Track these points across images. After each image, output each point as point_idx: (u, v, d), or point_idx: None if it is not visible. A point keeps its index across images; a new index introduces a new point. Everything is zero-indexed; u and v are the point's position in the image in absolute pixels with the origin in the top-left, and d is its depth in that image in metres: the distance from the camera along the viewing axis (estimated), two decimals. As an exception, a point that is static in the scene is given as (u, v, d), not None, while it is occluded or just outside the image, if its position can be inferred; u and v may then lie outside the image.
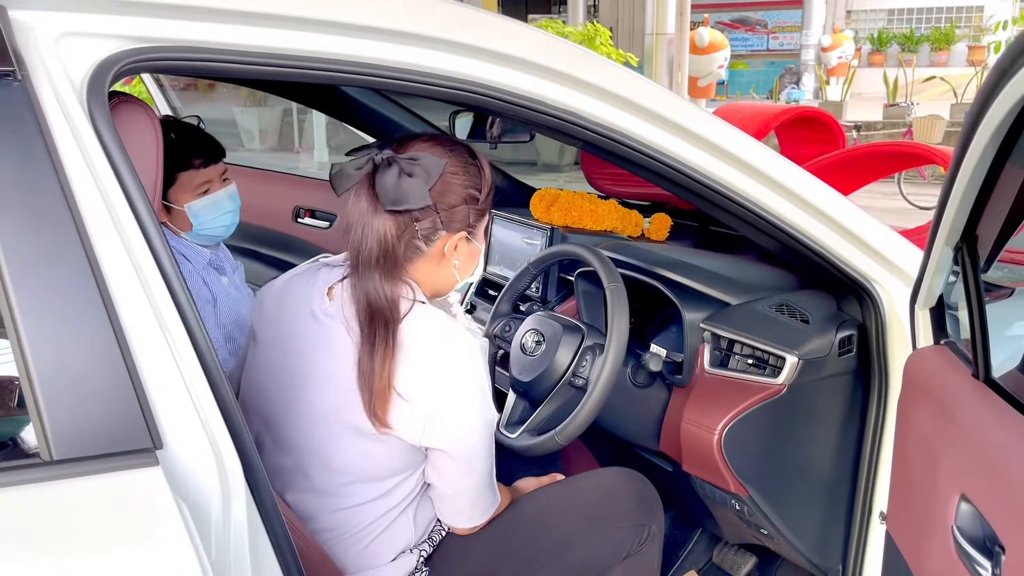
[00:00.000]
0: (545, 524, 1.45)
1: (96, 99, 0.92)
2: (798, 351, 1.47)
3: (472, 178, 1.28)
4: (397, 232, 1.22)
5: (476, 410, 1.25)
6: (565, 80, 1.24)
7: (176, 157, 1.75)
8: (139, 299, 0.88)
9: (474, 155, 1.30)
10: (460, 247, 1.29)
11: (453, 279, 1.33)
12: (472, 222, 1.30)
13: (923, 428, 1.15)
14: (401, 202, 1.19)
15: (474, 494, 1.33)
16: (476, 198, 1.28)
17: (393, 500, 1.30)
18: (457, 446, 1.26)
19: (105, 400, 0.84)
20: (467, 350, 1.24)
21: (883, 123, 10.80)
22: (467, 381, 1.24)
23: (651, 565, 1.55)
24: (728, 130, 1.37)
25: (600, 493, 1.52)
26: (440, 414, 1.22)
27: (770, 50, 16.94)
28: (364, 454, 1.25)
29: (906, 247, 1.50)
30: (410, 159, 1.21)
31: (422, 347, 1.22)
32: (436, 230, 1.25)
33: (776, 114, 2.39)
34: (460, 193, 1.26)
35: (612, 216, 2.08)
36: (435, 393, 1.22)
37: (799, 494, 1.60)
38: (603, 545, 1.47)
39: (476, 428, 1.26)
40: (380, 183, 1.20)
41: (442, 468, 1.29)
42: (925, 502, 1.11)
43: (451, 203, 1.25)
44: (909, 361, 1.26)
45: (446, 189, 1.24)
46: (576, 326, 1.62)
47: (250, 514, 0.94)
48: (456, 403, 1.23)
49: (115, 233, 0.88)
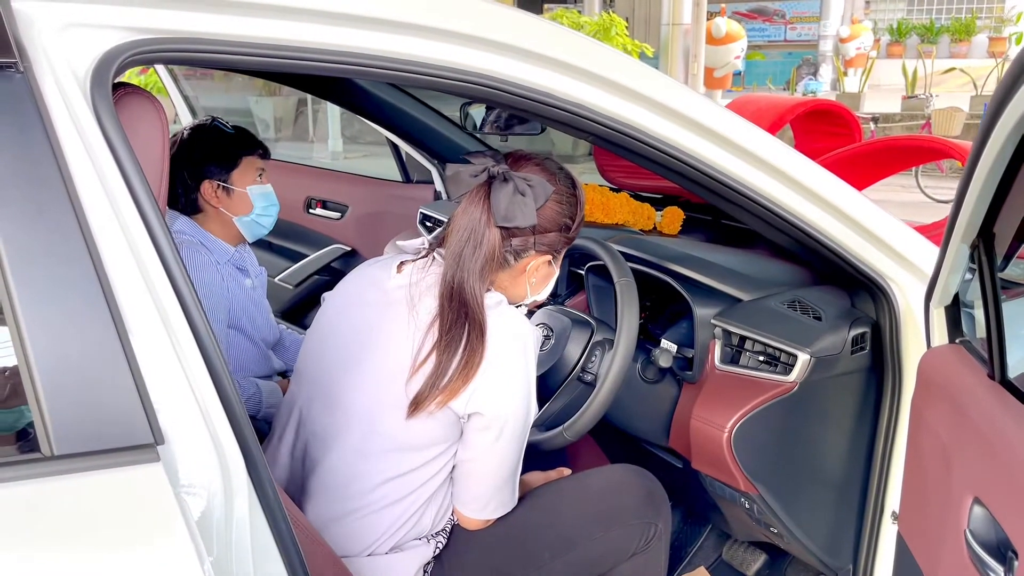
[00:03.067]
0: (551, 521, 1.45)
1: (100, 91, 0.91)
2: (810, 348, 1.45)
3: (570, 207, 1.34)
4: (500, 244, 1.29)
5: (522, 389, 1.29)
6: (574, 72, 1.23)
7: (241, 142, 1.86)
8: (141, 294, 0.88)
9: (575, 184, 1.37)
10: (540, 268, 1.36)
11: (524, 294, 1.38)
12: (559, 248, 1.36)
13: (937, 429, 1.14)
14: (511, 220, 1.26)
15: (498, 481, 1.34)
16: (569, 227, 1.35)
17: (424, 476, 1.31)
18: (497, 414, 1.27)
19: (106, 395, 0.83)
20: (528, 335, 1.30)
21: (901, 115, 10.69)
22: (520, 361, 1.28)
23: (657, 563, 1.54)
24: (740, 124, 1.35)
25: (607, 490, 1.51)
26: (489, 384, 1.25)
27: (787, 41, 16.79)
28: (408, 425, 1.27)
29: (921, 243, 1.47)
30: (525, 179, 1.27)
31: (495, 339, 1.26)
32: (527, 248, 1.32)
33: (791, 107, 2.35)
34: (557, 220, 1.33)
35: (624, 209, 2.07)
36: (489, 370, 1.25)
37: (810, 493, 1.58)
38: (609, 543, 1.46)
39: (519, 406, 1.29)
40: (495, 197, 1.26)
41: (475, 443, 1.30)
42: (938, 504, 1.10)
43: (546, 227, 1.32)
44: (923, 360, 1.24)
45: (547, 214, 1.31)
46: (585, 321, 1.61)
47: (252, 510, 0.94)
48: (506, 376, 1.27)
49: (118, 227, 0.88)
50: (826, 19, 14.61)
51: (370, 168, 3.07)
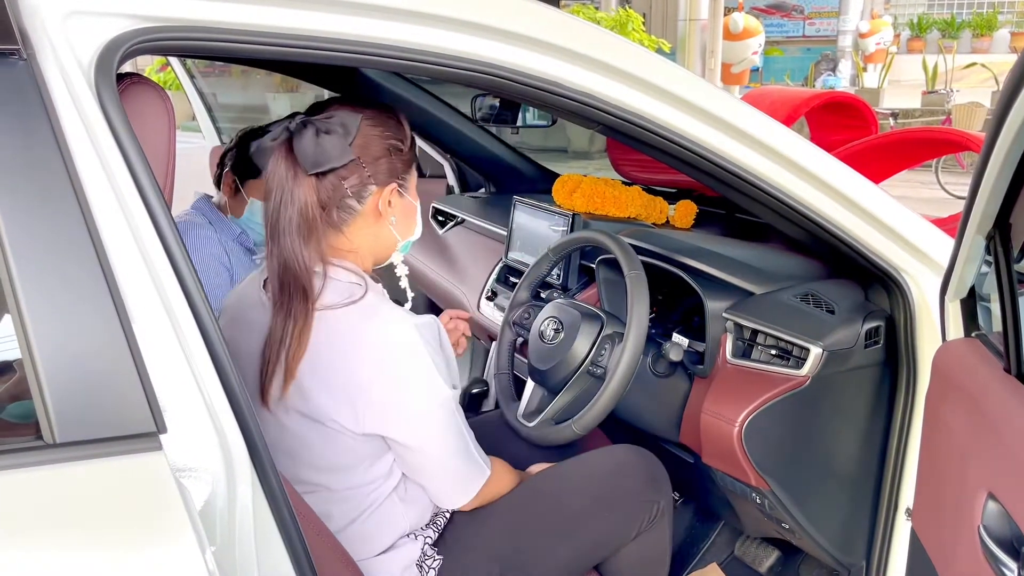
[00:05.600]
0: (556, 504, 1.45)
1: (104, 80, 0.91)
2: (823, 342, 1.43)
3: (392, 129, 1.27)
4: (322, 198, 1.22)
5: (421, 395, 1.24)
6: (585, 62, 1.22)
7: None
8: (144, 282, 0.88)
9: (391, 109, 1.30)
10: (395, 203, 1.29)
11: (393, 238, 1.32)
12: (401, 174, 1.29)
13: (951, 424, 1.12)
14: (323, 162, 1.19)
15: (453, 472, 1.32)
16: (400, 148, 1.28)
17: (367, 489, 1.29)
18: (412, 435, 1.25)
19: (109, 383, 0.83)
20: (397, 338, 1.22)
21: (921, 111, 10.58)
22: (402, 370, 1.22)
23: (662, 541, 1.54)
24: (754, 115, 1.34)
25: (609, 472, 1.51)
26: (380, 403, 1.21)
27: (806, 36, 16.64)
28: (309, 443, 1.24)
29: (937, 236, 1.45)
30: (325, 118, 1.21)
31: (352, 339, 1.21)
32: (365, 185, 1.24)
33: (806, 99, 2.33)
34: (382, 144, 1.25)
35: (636, 203, 2.05)
36: (368, 384, 1.21)
37: (822, 488, 1.56)
38: (614, 523, 1.47)
39: (427, 413, 1.25)
40: (299, 147, 1.19)
41: (406, 457, 1.29)
42: (952, 500, 1.08)
43: (375, 155, 1.24)
44: (938, 354, 1.22)
45: (367, 142, 1.24)
46: (595, 314, 1.60)
47: (256, 499, 0.94)
48: (396, 393, 1.22)
49: (121, 215, 0.87)
50: (845, 14, 14.46)
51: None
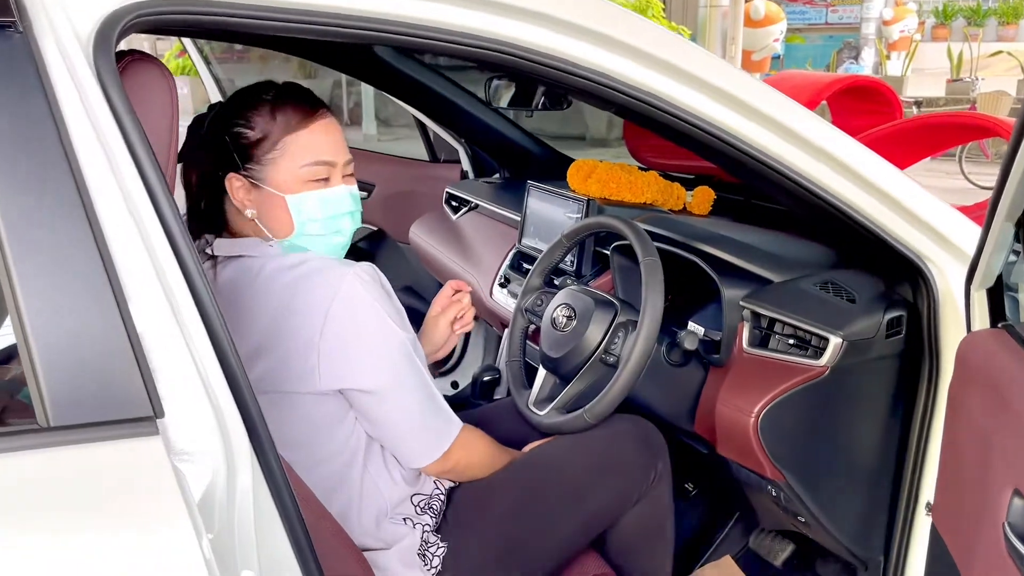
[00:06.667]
0: (557, 477, 1.45)
1: (103, 55, 0.88)
2: (842, 331, 1.39)
3: (243, 118, 1.28)
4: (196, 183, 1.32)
5: (375, 338, 1.23)
6: (597, 39, 1.18)
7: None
8: (142, 262, 0.85)
9: (244, 93, 1.32)
10: (251, 195, 1.29)
11: (263, 233, 1.30)
12: (246, 162, 1.28)
13: (975, 416, 1.09)
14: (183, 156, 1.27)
15: (419, 423, 1.30)
16: (243, 135, 1.28)
17: (335, 464, 1.28)
18: (371, 379, 1.24)
19: (105, 366, 0.81)
20: (338, 286, 1.21)
21: (945, 99, 10.44)
22: (349, 316, 1.21)
23: (663, 504, 1.54)
24: (774, 96, 1.30)
25: (606, 440, 1.50)
26: (333, 354, 1.21)
27: (829, 24, 16.41)
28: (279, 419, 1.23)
29: (963, 223, 1.41)
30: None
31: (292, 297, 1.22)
32: (213, 176, 1.29)
33: (829, 83, 2.27)
34: (222, 132, 1.28)
35: (652, 188, 2.01)
36: (318, 337, 1.20)
37: (839, 482, 1.53)
38: (615, 490, 1.47)
39: (384, 356, 1.24)
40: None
41: (367, 411, 1.27)
42: (975, 495, 1.06)
43: (213, 144, 1.28)
44: (963, 345, 1.18)
45: (209, 134, 1.28)
46: (609, 301, 1.57)
47: (256, 484, 0.91)
48: (349, 339, 1.21)
49: (119, 193, 0.85)
50: (869, 1, 14.26)
51: (404, 151, 3.04)
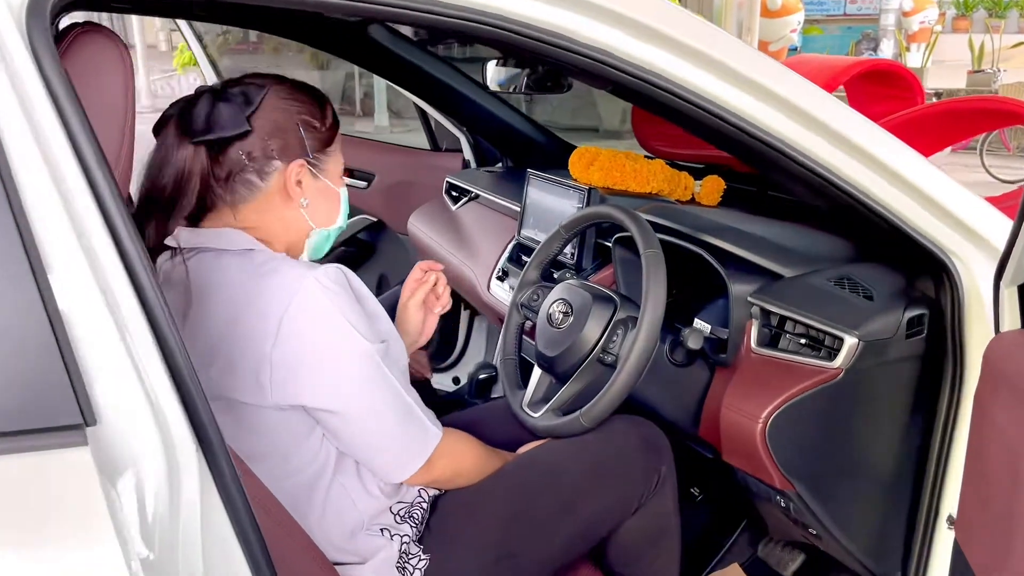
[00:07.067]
0: (550, 482, 1.36)
1: (37, 23, 0.80)
2: (858, 331, 1.30)
3: (305, 104, 1.20)
4: (204, 168, 1.14)
5: (332, 350, 1.13)
6: (597, 12, 1.10)
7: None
8: (75, 256, 0.76)
9: (311, 88, 1.24)
10: (307, 183, 1.20)
11: (305, 224, 1.23)
12: (314, 151, 1.20)
13: (1004, 424, 1.02)
14: (212, 129, 1.11)
15: (392, 437, 1.20)
16: (313, 125, 1.20)
17: (301, 479, 1.19)
18: (330, 398, 1.14)
19: (27, 367, 0.72)
20: (294, 289, 1.11)
21: (966, 90, 10.28)
22: (304, 324, 1.11)
23: (667, 509, 1.46)
24: (789, 75, 1.20)
25: (605, 442, 1.41)
26: (285, 365, 1.10)
27: (847, 15, 16.20)
28: (240, 428, 1.14)
29: (992, 215, 1.31)
30: (224, 84, 1.15)
31: (243, 300, 1.12)
32: (268, 160, 1.16)
33: (846, 67, 2.17)
34: (290, 118, 1.18)
35: (658, 177, 1.91)
36: (268, 346, 1.10)
37: (854, 493, 1.43)
38: (615, 495, 1.38)
39: (343, 371, 1.14)
40: (193, 114, 1.13)
41: (335, 429, 1.18)
42: (1002, 509, 0.99)
43: (280, 128, 1.16)
44: (991, 346, 1.10)
45: (273, 115, 1.16)
46: (608, 296, 1.48)
47: (206, 497, 0.83)
48: (301, 351, 1.11)
49: (45, 170, 0.76)
50: (889, -8, 14.07)
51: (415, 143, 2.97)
